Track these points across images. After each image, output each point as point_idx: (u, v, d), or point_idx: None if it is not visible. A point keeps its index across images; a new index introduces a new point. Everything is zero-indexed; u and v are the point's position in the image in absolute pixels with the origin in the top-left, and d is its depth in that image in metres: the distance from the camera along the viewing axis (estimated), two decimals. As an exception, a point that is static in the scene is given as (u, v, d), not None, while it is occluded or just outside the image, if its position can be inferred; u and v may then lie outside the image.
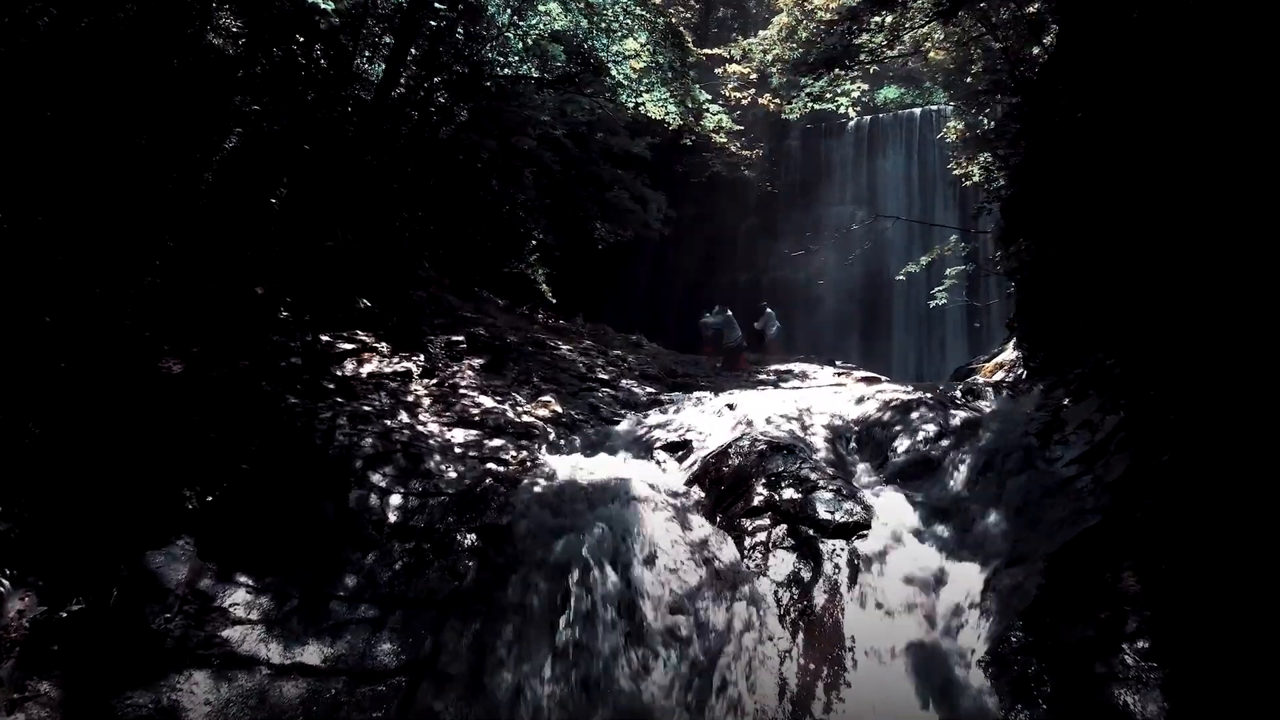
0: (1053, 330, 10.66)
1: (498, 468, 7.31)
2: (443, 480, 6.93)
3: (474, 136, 14.27)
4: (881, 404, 8.90)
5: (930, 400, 8.70)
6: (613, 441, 8.87)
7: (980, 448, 7.32)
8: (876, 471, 7.70)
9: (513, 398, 9.23)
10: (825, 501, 6.51)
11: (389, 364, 8.75)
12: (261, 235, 9.36)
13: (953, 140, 16.09)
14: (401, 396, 8.20)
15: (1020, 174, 12.09)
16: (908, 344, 22.89)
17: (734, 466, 7.41)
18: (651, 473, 7.96)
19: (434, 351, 9.45)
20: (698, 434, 8.84)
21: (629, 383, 11.78)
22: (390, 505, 6.46)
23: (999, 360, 16.28)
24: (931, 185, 23.42)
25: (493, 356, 10.29)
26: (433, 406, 8.24)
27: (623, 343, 18.69)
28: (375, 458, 6.87)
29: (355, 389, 7.99)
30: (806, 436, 8.39)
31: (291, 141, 10.87)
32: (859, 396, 9.37)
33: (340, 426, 7.08)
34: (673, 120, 11.81)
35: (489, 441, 7.82)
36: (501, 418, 8.38)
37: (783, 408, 9.18)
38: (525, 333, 13.73)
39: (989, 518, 6.21)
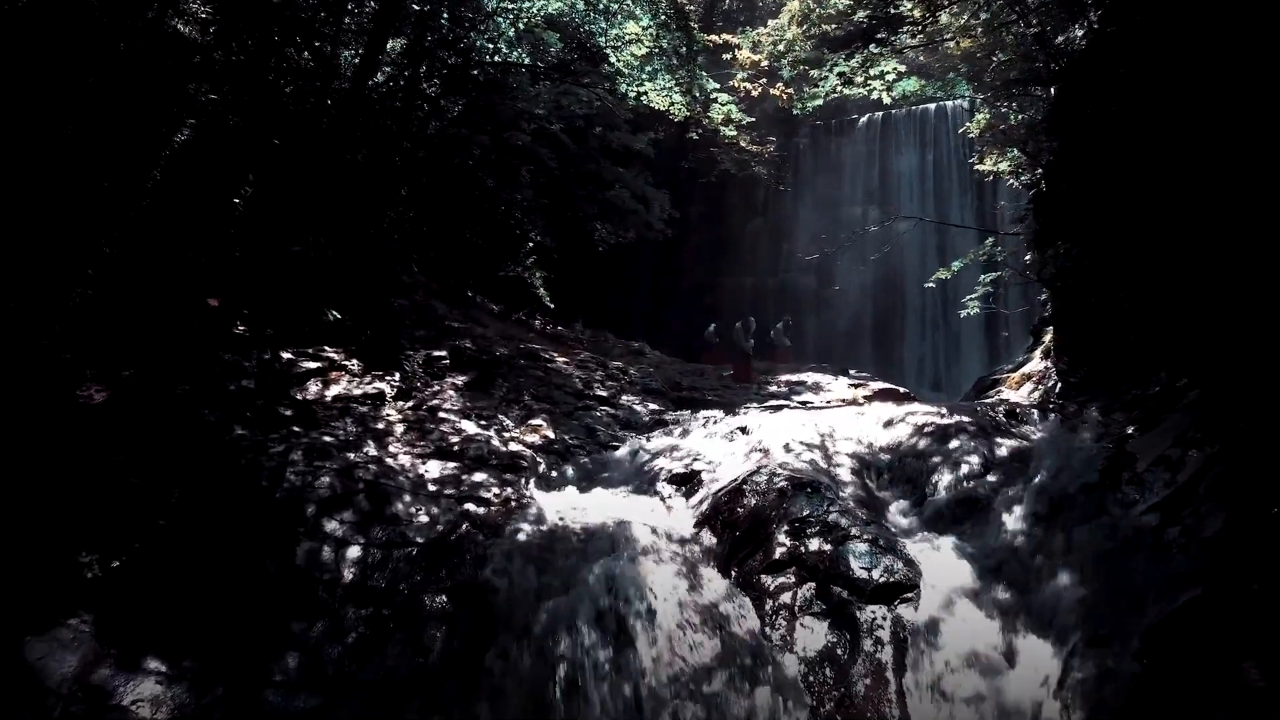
0: (1098, 343, 9.65)
1: (477, 509, 6.33)
2: (412, 526, 5.94)
3: (464, 131, 13.30)
4: (914, 429, 7.90)
5: (970, 425, 7.69)
6: (611, 472, 7.88)
7: (1036, 486, 6.31)
8: (914, 512, 6.69)
9: (499, 421, 8.24)
10: (860, 555, 5.51)
11: (359, 385, 7.76)
12: (219, 240, 8.37)
13: (976, 135, 15.07)
14: (371, 423, 7.21)
15: (1056, 170, 11.08)
16: (922, 352, 21.88)
17: (750, 508, 6.42)
18: (655, 512, 6.97)
19: (412, 369, 8.47)
20: (707, 463, 7.85)
21: (630, 399, 10.80)
22: (346, 560, 5.47)
23: (1025, 371, 15.28)
24: (947, 184, 22.42)
25: (479, 373, 9.30)
26: (406, 434, 7.25)
27: (624, 351, 17.71)
28: (332, 500, 5.88)
29: (317, 415, 7.00)
30: (831, 468, 7.39)
31: (258, 135, 9.89)
32: (887, 419, 8.36)
33: (293, 463, 6.09)
34: (678, 111, 10.83)
35: (469, 476, 6.83)
36: (485, 446, 7.38)
37: (802, 433, 8.18)
38: (518, 342, 12.75)
39: (1058, 579, 5.20)
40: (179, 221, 7.79)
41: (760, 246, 24.00)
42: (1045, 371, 14.25)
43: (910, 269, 21.90)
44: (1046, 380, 13.91)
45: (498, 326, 14.63)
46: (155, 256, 7.28)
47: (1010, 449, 7.12)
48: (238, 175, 9.42)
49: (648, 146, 16.85)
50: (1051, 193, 11.27)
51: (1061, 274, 10.58)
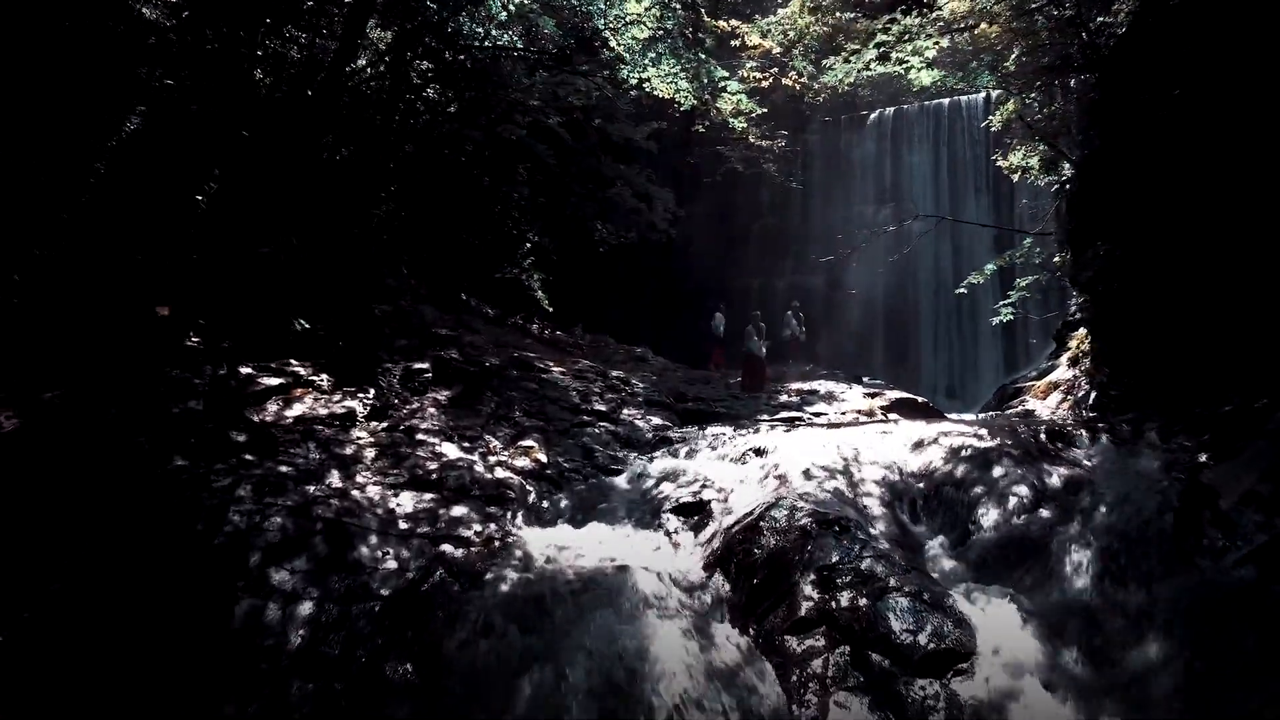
0: (1146, 353, 8.79)
1: (454, 551, 5.48)
2: (376, 575, 5.10)
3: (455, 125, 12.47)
4: (949, 452, 7.04)
5: (1013, 450, 6.83)
6: (610, 501, 7.04)
7: (1100, 526, 5.46)
8: (955, 553, 5.84)
9: (485, 442, 7.39)
10: (902, 613, 4.65)
11: (327, 403, 6.92)
12: (175, 241, 7.54)
13: (999, 129, 14.22)
14: (337, 448, 6.37)
15: (1094, 164, 10.21)
16: (937, 358, 20.99)
17: (769, 550, 5.56)
18: (659, 551, 6.13)
19: (389, 384, 7.62)
20: (717, 491, 7.01)
21: (631, 413, 9.95)
22: (296, 620, 4.63)
23: (1052, 380, 14.39)
24: (962, 182, 21.54)
25: (465, 386, 8.45)
26: (378, 461, 6.40)
27: (625, 357, 16.87)
28: (283, 545, 5.04)
29: (275, 440, 6.16)
30: (858, 498, 6.54)
31: (226, 126, 9.07)
32: (917, 440, 7.51)
33: (239, 500, 5.25)
34: (684, 99, 9.96)
35: (447, 510, 5.99)
36: (467, 474, 6.54)
37: (823, 455, 7.33)
38: (511, 350, 11.90)
39: (1145, 649, 4.34)
40: (126, 220, 6.94)
41: (768, 247, 23.13)
42: (1074, 381, 13.39)
43: (924, 271, 21.03)
44: (1076, 390, 13.04)
45: (491, 332, 13.80)
46: (95, 260, 6.43)
47: (1063, 478, 6.26)
48: (201, 169, 8.59)
49: (649, 141, 15.98)
50: (1089, 189, 10.40)
51: (1100, 277, 9.71)
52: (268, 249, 8.28)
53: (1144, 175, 8.70)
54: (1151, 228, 8.47)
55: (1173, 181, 8.11)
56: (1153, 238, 8.47)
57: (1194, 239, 7.76)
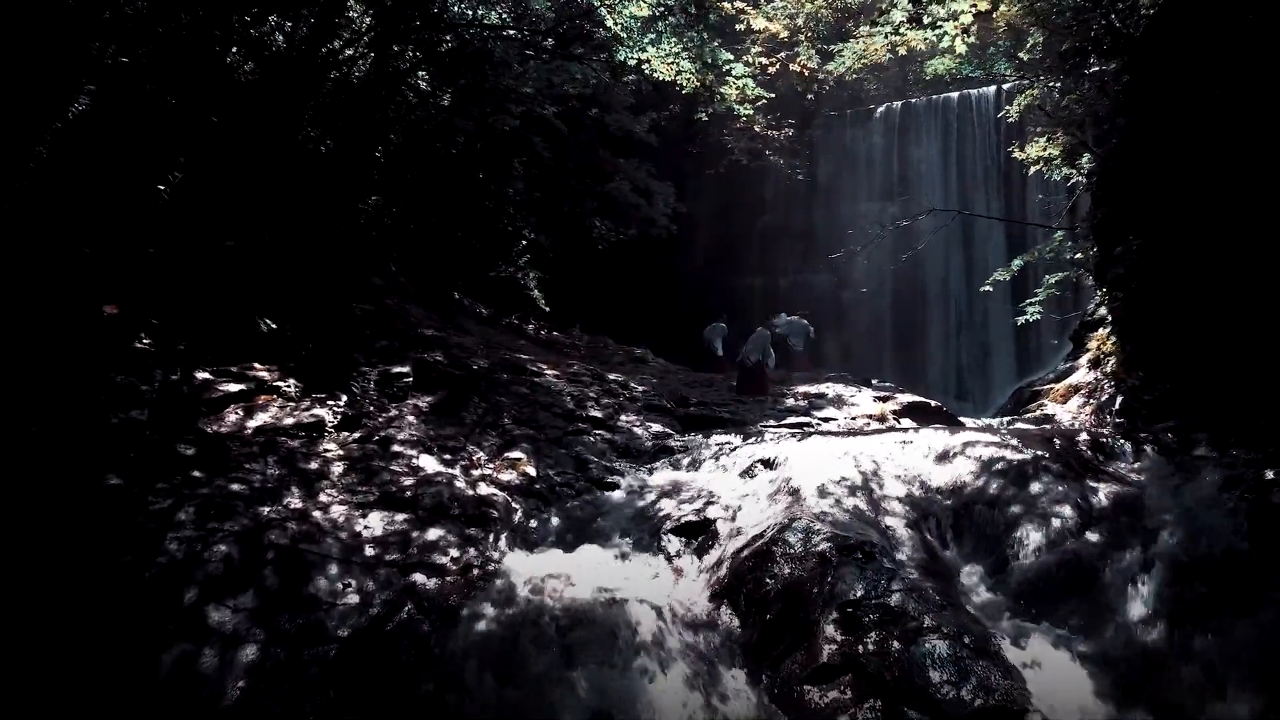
0: (1186, 356, 8.13)
1: (426, 582, 4.84)
2: (334, 612, 4.45)
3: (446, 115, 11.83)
4: (978, 464, 6.39)
5: (1051, 463, 6.18)
6: (605, 520, 6.38)
7: (1162, 554, 4.81)
8: (993, 583, 5.18)
9: (468, 454, 6.74)
10: (942, 661, 4.00)
11: (292, 411, 6.28)
12: (131, 233, 6.89)
13: (1015, 119, 13.57)
14: (300, 462, 5.72)
15: (1124, 153, 9.55)
16: (946, 359, 20.31)
17: (784, 580, 4.91)
18: (659, 579, 5.48)
19: (363, 390, 6.98)
20: (723, 508, 6.36)
21: (629, 419, 9.30)
22: (234, 669, 3.98)
23: (1071, 383, 13.71)
24: (972, 177, 20.87)
25: (449, 392, 7.80)
26: (346, 477, 5.76)
27: (625, 358, 16.21)
28: (226, 578, 4.39)
29: (229, 454, 5.51)
30: (880, 518, 5.89)
31: (193, 111, 8.43)
32: (941, 450, 6.84)
33: (178, 525, 4.60)
34: (687, 82, 9.30)
35: (421, 533, 5.34)
36: (446, 490, 5.89)
37: (839, 467, 6.67)
38: (503, 352, 11.26)
39: (1231, 710, 3.69)
40: (71, 210, 6.29)
41: (771, 245, 22.47)
42: (1096, 384, 12.72)
43: (933, 270, 20.36)
44: (1098, 394, 12.37)
45: (483, 333, 13.15)
46: (32, 254, 5.78)
47: (1111, 496, 5.61)
48: (164, 156, 7.94)
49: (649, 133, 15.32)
50: (1117, 179, 9.75)
51: (1133, 273, 9.06)
52: (234, 243, 7.63)
53: (1182, 163, 8.04)
54: (1193, 219, 7.82)
55: (1217, 168, 7.47)
56: (1194, 230, 7.82)
57: (1242, 231, 7.11)
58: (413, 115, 12.22)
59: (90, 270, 6.28)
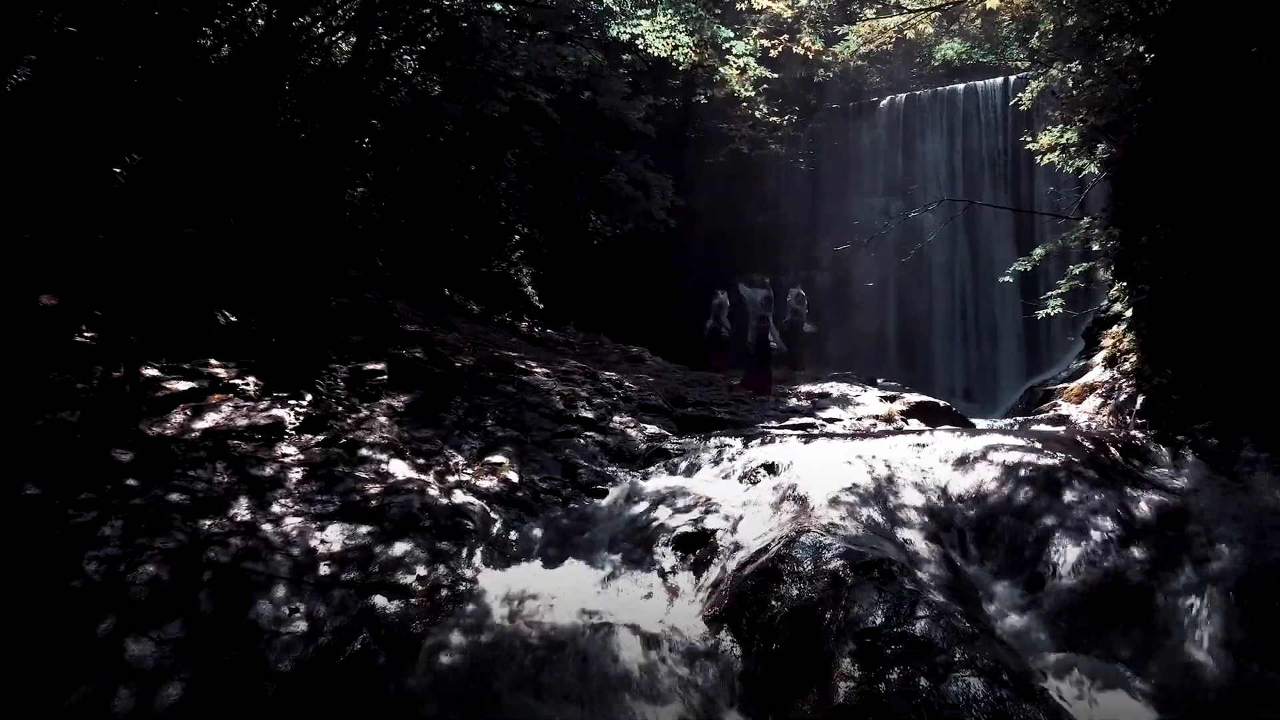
0: (1222, 354, 7.58)
1: (387, 605, 4.27)
2: (277, 643, 3.88)
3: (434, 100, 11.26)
4: (1002, 470, 5.83)
5: (1082, 468, 5.62)
6: (593, 530, 5.82)
7: (1218, 572, 4.25)
8: (1026, 604, 4.62)
9: (445, 458, 6.18)
10: (980, 703, 3.43)
11: (249, 412, 5.70)
12: (79, 218, 6.32)
13: (1027, 108, 13.01)
14: (253, 468, 5.15)
15: (1148, 138, 9.00)
16: (952, 357, 19.73)
17: (792, 602, 4.34)
18: (652, 599, 4.91)
19: (329, 388, 6.41)
20: (723, 518, 5.80)
21: (623, 420, 8.74)
22: (152, 713, 3.40)
23: (1086, 382, 13.14)
24: (978, 171, 20.31)
25: (428, 391, 7.23)
26: (304, 485, 5.18)
27: (620, 357, 15.64)
28: (151, 604, 3.83)
29: (173, 460, 4.95)
30: (896, 528, 5.33)
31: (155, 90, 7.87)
32: (960, 455, 6.28)
33: (102, 542, 4.04)
34: (684, 57, 8.72)
35: (386, 548, 4.76)
36: (417, 499, 5.32)
37: (849, 473, 6.10)
38: (491, 349, 10.69)
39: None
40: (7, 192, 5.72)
41: (772, 241, 21.90)
42: (1113, 383, 12.15)
43: (939, 266, 19.79)
44: (1116, 393, 11.79)
45: (472, 330, 12.58)
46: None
47: (1155, 507, 5.04)
48: (121, 136, 7.37)
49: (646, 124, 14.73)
50: (1141, 165, 9.19)
51: (1161, 264, 8.49)
52: (196, 231, 7.06)
53: (1217, 144, 7.49)
54: (1228, 205, 7.26)
55: (1258, 149, 6.91)
56: (1230, 217, 7.26)
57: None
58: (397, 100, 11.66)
59: (28, 258, 5.71)
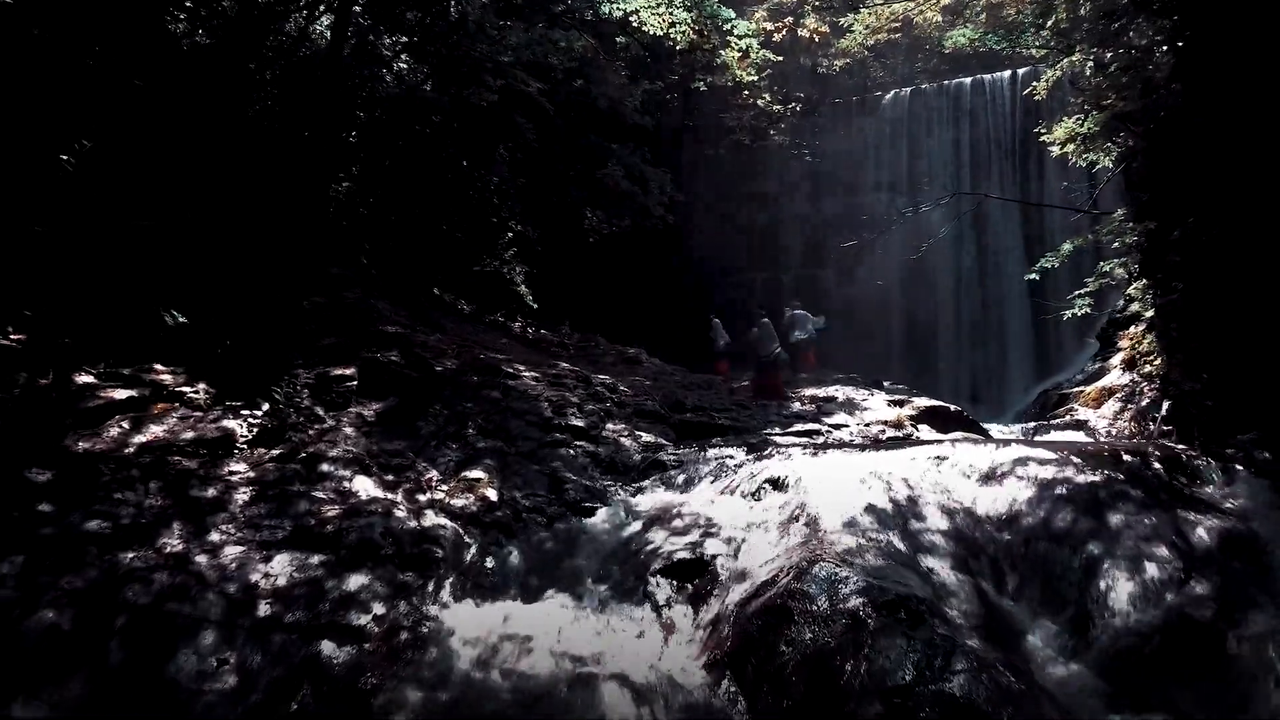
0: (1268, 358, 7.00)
1: (335, 653, 3.67)
2: (200, 702, 3.30)
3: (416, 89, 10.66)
4: (1035, 488, 5.23)
5: (1125, 486, 5.02)
6: (580, 556, 5.22)
7: (1302, 615, 3.66)
8: (1075, 647, 4.02)
9: (417, 474, 5.58)
10: (1035, 785, 2.84)
11: (196, 423, 5.11)
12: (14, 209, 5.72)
13: (1042, 98, 12.44)
14: (193, 489, 4.55)
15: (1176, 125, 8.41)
16: (959, 359, 19.13)
17: (804, 647, 3.75)
18: (642, 639, 4.32)
19: (289, 396, 5.80)
20: (724, 541, 5.21)
21: (616, 428, 8.14)
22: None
23: (1103, 386, 12.57)
24: (985, 166, 19.72)
25: (403, 398, 6.64)
26: (251, 507, 4.58)
27: (616, 358, 15.03)
28: (48, 657, 3.22)
29: (101, 479, 4.34)
30: (919, 555, 4.74)
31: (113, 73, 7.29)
32: (986, 469, 5.67)
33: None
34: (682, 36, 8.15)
35: (340, 581, 4.17)
36: (380, 521, 4.72)
37: (864, 491, 5.51)
38: (478, 351, 10.09)
39: None
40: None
41: (773, 239, 21.31)
42: (1134, 387, 11.60)
43: (945, 265, 19.19)
44: (1137, 398, 11.25)
45: (460, 331, 11.98)
46: None
47: (1216, 533, 4.45)
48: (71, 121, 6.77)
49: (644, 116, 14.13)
50: (1169, 154, 8.60)
51: (1194, 261, 7.91)
52: (150, 223, 6.46)
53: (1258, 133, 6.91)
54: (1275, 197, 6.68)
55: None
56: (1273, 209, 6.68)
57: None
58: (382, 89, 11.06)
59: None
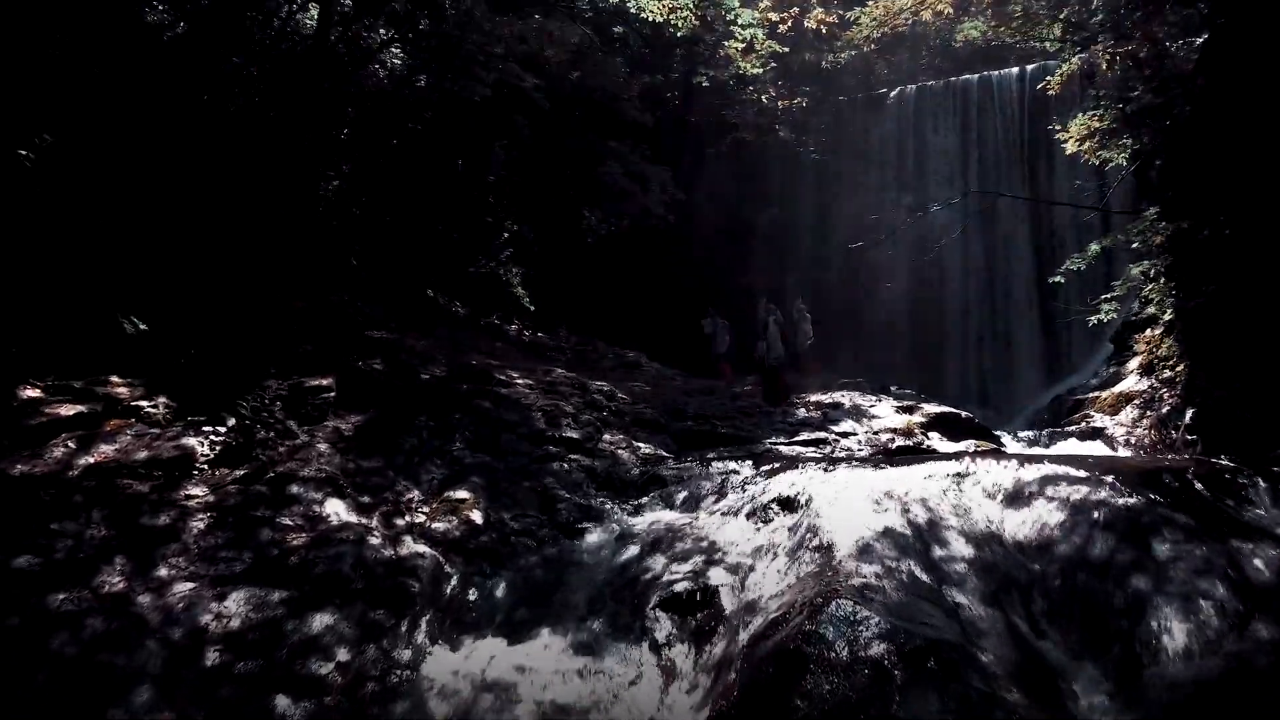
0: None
1: (291, 709, 3.26)
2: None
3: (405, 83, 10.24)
4: (1069, 510, 4.81)
5: (1172, 511, 4.58)
6: (572, 586, 4.79)
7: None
8: (1124, 700, 3.58)
9: (396, 495, 5.15)
10: None
11: (151, 442, 4.68)
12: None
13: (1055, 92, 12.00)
14: (144, 516, 4.12)
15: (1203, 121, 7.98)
16: (966, 363, 18.70)
17: (822, 700, 3.32)
18: (638, 685, 3.89)
19: (258, 409, 5.37)
20: (729, 569, 4.81)
21: (614, 439, 7.72)
22: None
23: (1120, 391, 12.12)
24: (994, 165, 19.29)
25: (383, 410, 6.21)
26: (207, 536, 4.16)
27: (615, 363, 14.62)
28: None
29: (39, 507, 3.91)
30: (946, 589, 4.31)
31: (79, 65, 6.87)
32: (1012, 488, 5.25)
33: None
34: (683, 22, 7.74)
35: (301, 623, 3.74)
36: (352, 550, 4.29)
37: (879, 512, 5.09)
38: (469, 357, 9.68)
39: None
40: None
41: (776, 240, 20.87)
42: (1152, 393, 11.14)
43: (952, 266, 18.76)
44: (1157, 405, 10.79)
45: (453, 336, 11.56)
46: None
47: (1274, 566, 4.02)
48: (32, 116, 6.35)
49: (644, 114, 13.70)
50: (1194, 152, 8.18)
51: (1223, 263, 7.48)
52: (114, 222, 6.03)
53: None
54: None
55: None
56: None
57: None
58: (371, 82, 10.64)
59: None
